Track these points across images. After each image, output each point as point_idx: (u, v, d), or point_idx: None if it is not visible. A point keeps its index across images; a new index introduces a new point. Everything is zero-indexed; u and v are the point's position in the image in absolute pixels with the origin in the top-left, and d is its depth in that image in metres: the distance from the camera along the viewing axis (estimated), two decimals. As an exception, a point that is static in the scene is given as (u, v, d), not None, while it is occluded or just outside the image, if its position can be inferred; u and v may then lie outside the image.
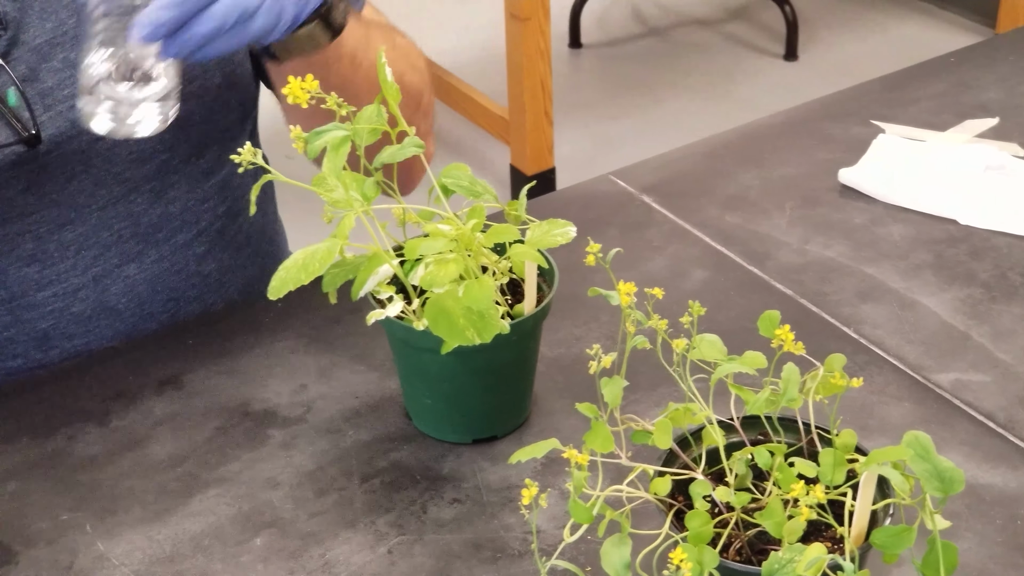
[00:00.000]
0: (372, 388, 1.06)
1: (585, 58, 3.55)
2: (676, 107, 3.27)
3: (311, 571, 0.90)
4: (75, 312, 1.15)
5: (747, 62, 3.46)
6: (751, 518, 0.76)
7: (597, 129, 3.20)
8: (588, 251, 0.82)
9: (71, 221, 1.13)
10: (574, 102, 3.27)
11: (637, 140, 3.13)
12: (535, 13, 2.68)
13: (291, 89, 0.87)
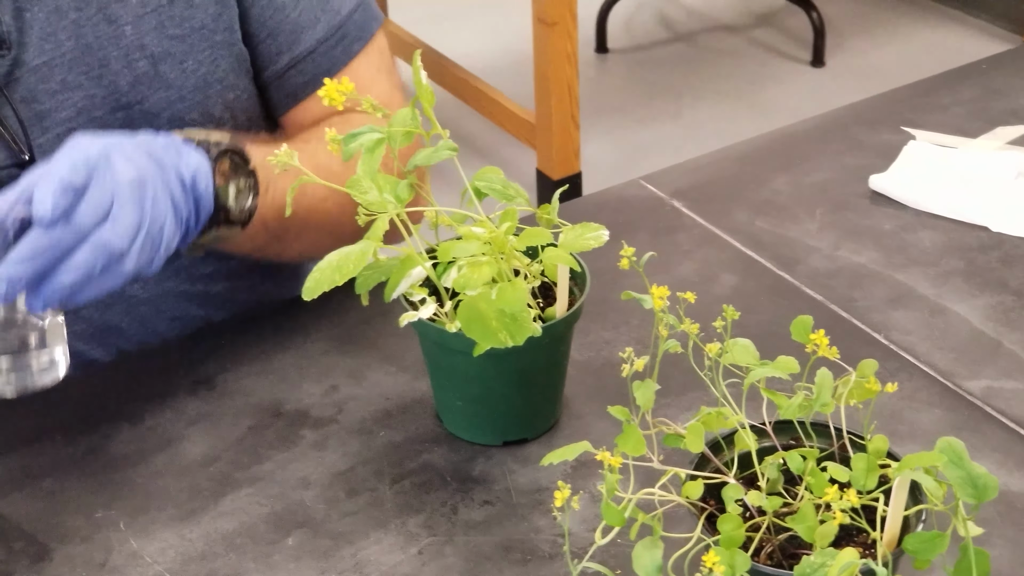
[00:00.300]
0: (403, 390, 1.06)
1: (612, 63, 3.56)
2: (702, 112, 3.28)
3: (342, 571, 0.91)
4: (77, 331, 1.15)
5: (773, 68, 3.46)
6: (783, 522, 0.76)
7: (623, 134, 3.20)
8: (622, 255, 0.82)
9: None
10: (600, 107, 3.28)
11: (663, 145, 3.13)
12: (562, 18, 2.69)
13: (327, 91, 0.88)
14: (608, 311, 1.12)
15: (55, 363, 0.94)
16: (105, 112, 1.09)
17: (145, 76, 1.10)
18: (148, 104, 1.11)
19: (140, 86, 1.10)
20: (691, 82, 3.42)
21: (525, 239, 0.92)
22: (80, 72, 1.08)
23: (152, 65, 1.10)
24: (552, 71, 2.74)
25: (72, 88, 1.08)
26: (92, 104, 1.09)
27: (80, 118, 1.09)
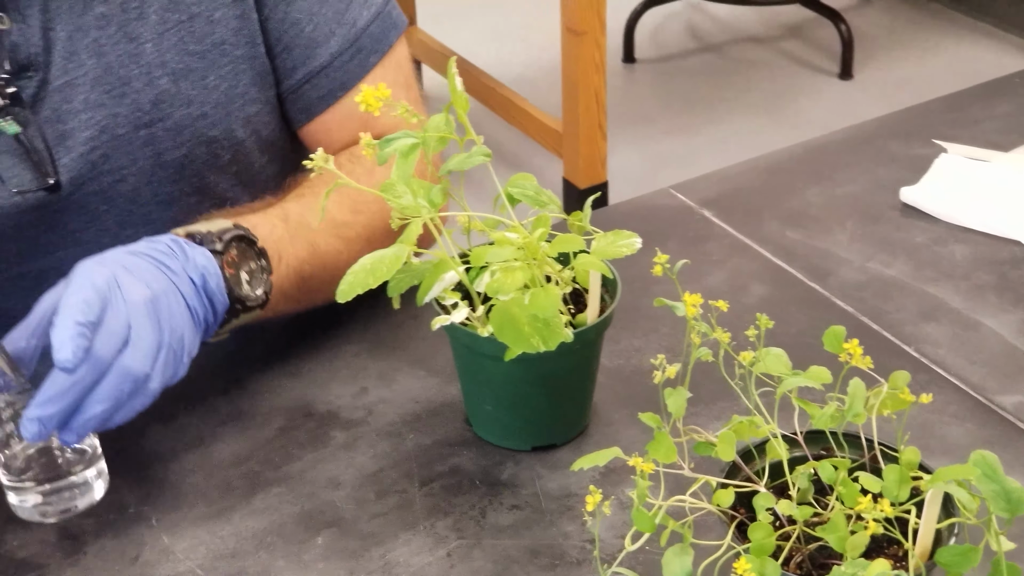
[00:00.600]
0: (432, 393, 1.07)
1: (639, 73, 3.56)
2: (729, 124, 3.28)
3: (371, 571, 0.91)
4: None
5: (802, 80, 3.46)
6: (813, 532, 0.76)
7: (649, 144, 3.21)
8: (655, 261, 0.82)
9: None
10: (627, 116, 3.28)
11: (689, 156, 3.13)
12: (591, 27, 2.69)
13: (364, 97, 0.88)
14: (638, 319, 1.12)
15: (92, 485, 0.95)
16: (128, 130, 1.10)
17: (167, 93, 1.10)
18: (171, 122, 1.11)
19: (162, 104, 1.10)
20: (718, 93, 3.42)
21: (557, 245, 0.93)
22: (102, 91, 1.08)
23: (174, 82, 1.10)
24: (580, 80, 2.74)
25: (94, 107, 1.08)
26: (115, 123, 1.09)
27: (103, 136, 1.09)
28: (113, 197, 1.12)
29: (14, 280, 1.12)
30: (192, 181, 1.14)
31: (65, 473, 0.93)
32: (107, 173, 1.10)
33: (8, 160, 1.07)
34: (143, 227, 1.13)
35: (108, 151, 1.09)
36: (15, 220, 1.08)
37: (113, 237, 1.13)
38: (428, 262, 0.95)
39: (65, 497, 0.93)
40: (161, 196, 1.14)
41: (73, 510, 0.94)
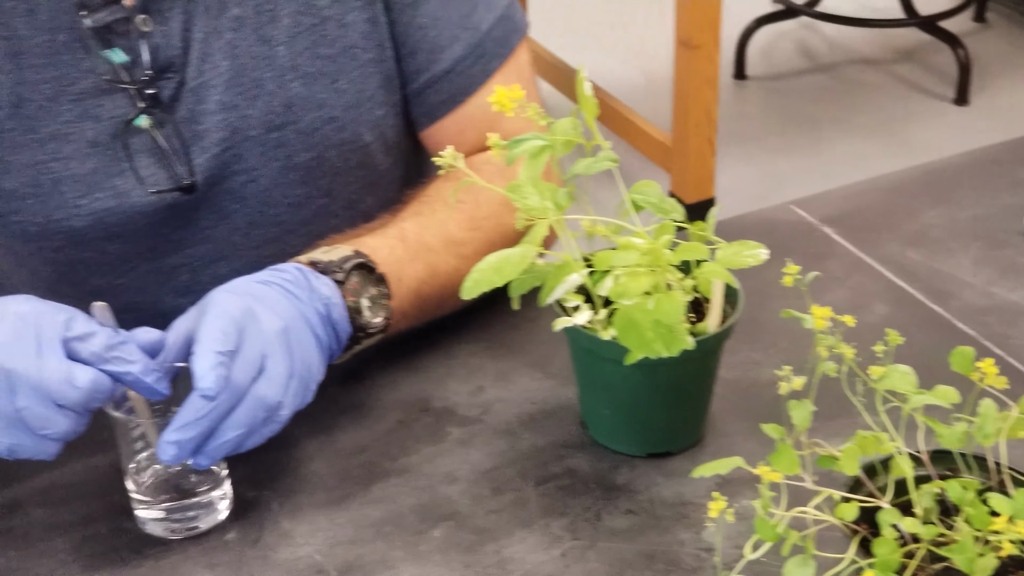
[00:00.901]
0: (548, 395, 1.08)
1: (749, 89, 3.55)
2: (839, 146, 3.25)
3: (487, 566, 0.92)
4: None
5: (915, 104, 3.42)
6: (938, 551, 0.76)
7: (758, 161, 3.19)
8: (785, 272, 0.83)
9: (225, 257, 1.16)
10: (735, 133, 3.27)
11: (797, 176, 3.11)
12: (706, 41, 2.69)
13: (498, 97, 0.90)
14: (756, 332, 1.12)
15: (217, 506, 0.97)
16: (260, 132, 1.12)
17: (298, 97, 1.12)
18: (301, 124, 1.13)
19: (294, 107, 1.12)
20: (829, 114, 3.39)
21: (682, 253, 0.93)
22: (235, 93, 1.10)
23: (305, 86, 1.12)
24: (692, 94, 2.74)
25: (227, 109, 1.11)
26: (247, 125, 1.11)
27: (235, 138, 1.11)
28: (245, 197, 1.14)
29: (146, 275, 1.15)
30: (320, 184, 1.16)
31: (192, 493, 0.95)
32: (239, 174, 1.13)
33: (145, 160, 1.09)
34: (272, 228, 1.16)
35: (240, 152, 1.12)
36: (150, 218, 1.11)
37: (243, 236, 1.16)
38: (551, 264, 0.96)
39: (190, 516, 0.95)
40: (291, 198, 1.16)
41: (197, 529, 0.96)
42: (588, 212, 0.96)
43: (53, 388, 0.87)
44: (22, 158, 1.08)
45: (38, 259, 1.13)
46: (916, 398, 0.80)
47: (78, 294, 1.14)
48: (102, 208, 1.09)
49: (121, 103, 1.08)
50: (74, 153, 1.08)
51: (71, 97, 1.07)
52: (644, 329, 0.88)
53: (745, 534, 0.92)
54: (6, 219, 1.10)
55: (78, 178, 1.08)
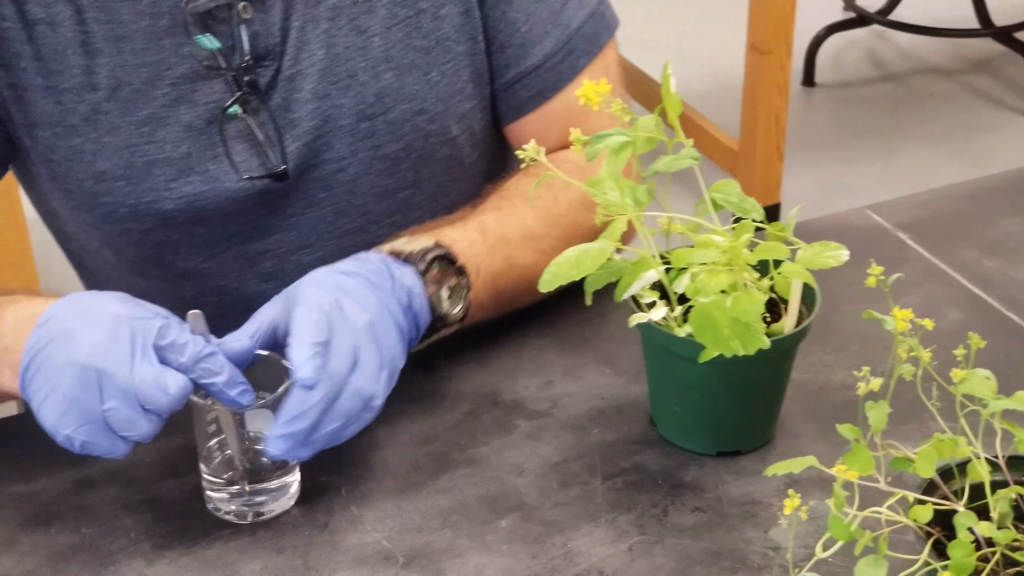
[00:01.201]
0: (618, 391, 1.08)
1: (817, 97, 3.53)
2: (908, 156, 3.22)
3: (553, 558, 0.93)
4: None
5: (986, 116, 3.39)
6: (1013, 556, 0.76)
7: (825, 169, 3.17)
8: (869, 272, 0.82)
9: (310, 244, 1.17)
10: (803, 140, 3.25)
11: (864, 185, 3.09)
12: (777, 47, 2.68)
13: (585, 91, 0.90)
14: (828, 335, 1.12)
15: (286, 492, 0.98)
16: (350, 122, 1.13)
17: (390, 88, 1.13)
18: (392, 115, 1.14)
19: (385, 98, 1.13)
20: (898, 124, 3.37)
21: (761, 252, 0.93)
22: (328, 82, 1.11)
23: (398, 77, 1.13)
24: (761, 100, 2.73)
25: (320, 98, 1.11)
26: (338, 114, 1.12)
27: (326, 127, 1.12)
28: (332, 186, 1.15)
29: (231, 260, 1.17)
30: (407, 175, 1.17)
31: (264, 478, 0.96)
32: (328, 162, 1.13)
33: (239, 146, 1.11)
34: (358, 217, 1.17)
35: (330, 141, 1.13)
36: (240, 204, 1.13)
37: (329, 225, 1.17)
38: (627, 260, 0.96)
39: (260, 501, 0.96)
40: (378, 188, 1.16)
41: (267, 513, 0.97)
42: (666, 210, 0.97)
43: (144, 392, 0.88)
44: (117, 140, 1.09)
45: (125, 240, 1.15)
46: (995, 403, 0.80)
47: (163, 275, 1.16)
48: (193, 192, 1.11)
49: (218, 89, 1.09)
50: (168, 137, 1.09)
51: (169, 81, 1.08)
52: (721, 327, 0.88)
53: (813, 534, 0.93)
54: (97, 200, 1.11)
55: (171, 162, 1.10)
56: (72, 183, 1.11)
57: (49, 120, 1.09)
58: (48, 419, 0.89)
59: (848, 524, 0.76)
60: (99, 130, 1.09)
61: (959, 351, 0.82)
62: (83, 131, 1.09)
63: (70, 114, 1.08)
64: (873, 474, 0.80)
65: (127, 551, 0.94)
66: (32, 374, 0.89)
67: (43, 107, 1.08)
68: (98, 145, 1.09)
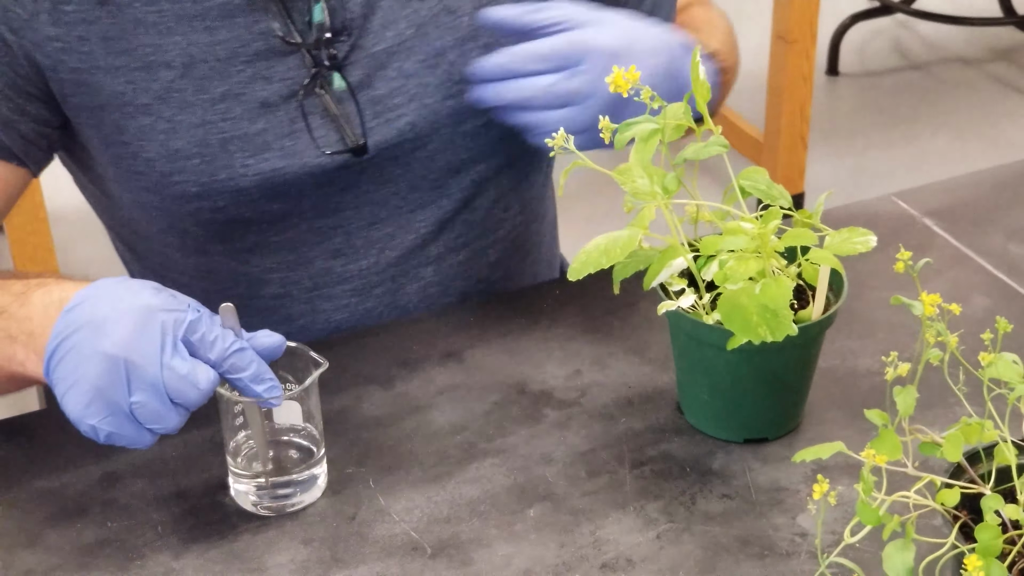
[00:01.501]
0: (645, 380, 1.08)
1: (842, 86, 3.51)
2: (932, 144, 3.21)
3: (581, 546, 0.93)
4: (368, 308, 1.20)
5: (1010, 105, 3.37)
6: (1042, 539, 0.76)
7: (849, 158, 3.16)
8: (898, 257, 0.82)
9: (381, 220, 1.18)
10: (827, 129, 3.24)
11: (889, 173, 3.08)
12: (803, 36, 2.67)
13: (615, 79, 0.90)
14: (854, 321, 1.12)
15: (311, 486, 0.98)
16: (435, 101, 1.13)
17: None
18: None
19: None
20: (922, 113, 3.35)
21: (789, 239, 0.93)
22: (416, 60, 1.12)
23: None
24: (786, 89, 2.73)
25: (408, 76, 1.12)
26: (425, 92, 1.13)
27: (412, 105, 1.13)
28: (410, 163, 1.16)
29: (301, 235, 1.17)
30: (483, 149, 1.18)
31: (290, 470, 0.97)
32: (410, 140, 1.14)
33: (316, 121, 1.11)
34: (430, 192, 1.18)
35: (416, 120, 1.14)
36: (317, 179, 1.13)
37: (402, 200, 1.18)
38: (656, 248, 0.96)
39: (287, 493, 0.97)
40: (453, 164, 1.18)
41: (294, 506, 0.97)
42: (695, 197, 0.97)
43: (173, 386, 0.88)
44: (191, 118, 1.09)
45: (193, 220, 1.14)
46: (1022, 387, 0.79)
47: (229, 251, 1.16)
48: (270, 168, 1.11)
49: (293, 65, 1.10)
50: (244, 114, 1.10)
51: (244, 58, 1.09)
52: (750, 313, 0.88)
53: (840, 520, 0.93)
54: (168, 179, 1.11)
55: (248, 138, 1.10)
56: (142, 164, 1.11)
57: (118, 100, 1.08)
58: (73, 408, 0.89)
59: (876, 509, 0.76)
60: (172, 108, 1.09)
61: (986, 336, 0.82)
62: (155, 110, 1.09)
63: (142, 93, 1.08)
64: (901, 459, 0.80)
65: (153, 545, 0.95)
66: (58, 361, 0.89)
67: (112, 87, 1.08)
68: (171, 124, 1.09)
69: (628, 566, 0.91)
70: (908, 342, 1.09)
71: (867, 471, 0.76)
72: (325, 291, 1.20)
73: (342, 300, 1.20)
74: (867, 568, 0.84)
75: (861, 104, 3.42)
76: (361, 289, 1.20)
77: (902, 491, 0.79)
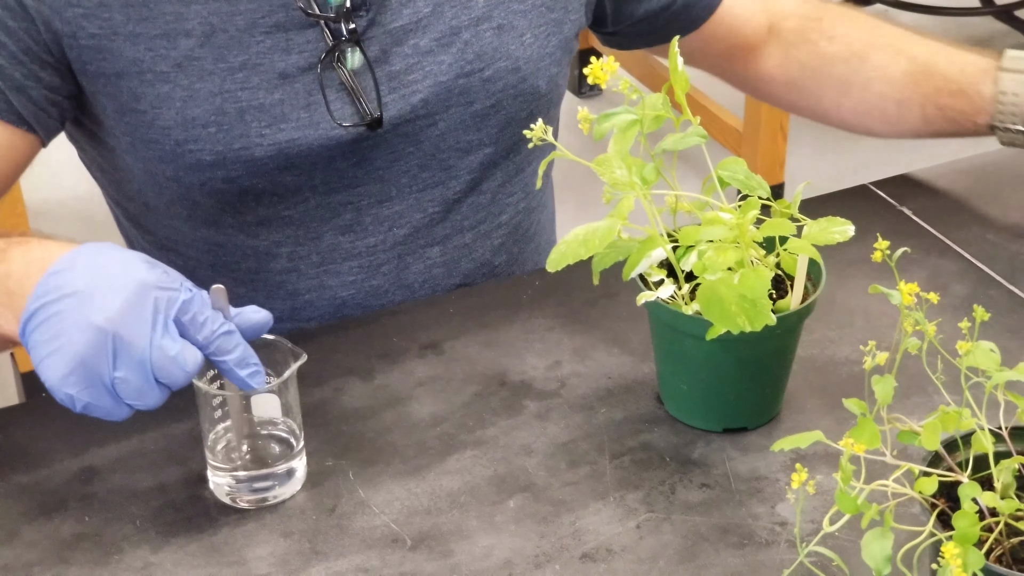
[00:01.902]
0: (626, 371, 1.08)
1: (821, 77, 3.52)
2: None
3: (562, 536, 0.93)
4: (374, 285, 1.21)
5: (990, 93, 3.38)
6: (1017, 525, 0.76)
7: (829, 148, 3.17)
8: (876, 247, 0.82)
9: (391, 198, 1.18)
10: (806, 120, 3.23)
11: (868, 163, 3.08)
12: (781, 27, 2.67)
13: (592, 71, 0.90)
14: (833, 311, 1.12)
15: (289, 480, 0.97)
16: (449, 79, 1.15)
17: (489, 46, 1.16)
18: (488, 72, 1.16)
19: (484, 56, 1.16)
20: (902, 102, 3.36)
21: (768, 229, 0.93)
22: (431, 38, 1.13)
23: (497, 36, 1.16)
24: (765, 80, 2.73)
25: (423, 53, 1.13)
26: (439, 70, 1.14)
27: (426, 81, 1.14)
28: (421, 140, 1.16)
29: (313, 210, 1.17)
30: (492, 132, 1.19)
31: (269, 463, 0.96)
32: (422, 117, 1.15)
33: (333, 94, 1.11)
34: (439, 172, 1.19)
35: (428, 96, 1.14)
36: (331, 152, 1.13)
37: (412, 178, 1.18)
38: (635, 239, 0.96)
39: (266, 486, 0.96)
40: (462, 144, 1.18)
41: (273, 499, 0.97)
42: (674, 188, 0.97)
43: (160, 366, 0.87)
44: (209, 86, 1.09)
45: (206, 190, 1.13)
46: (999, 375, 0.80)
47: (239, 224, 1.16)
48: (286, 139, 1.11)
49: (312, 37, 1.10)
50: (263, 84, 1.10)
51: (264, 29, 1.09)
52: (728, 303, 0.89)
53: (820, 509, 0.93)
54: (183, 148, 1.11)
55: (265, 108, 1.10)
56: (158, 132, 1.10)
57: (137, 68, 1.08)
58: (51, 375, 0.87)
59: (855, 498, 0.77)
60: (190, 76, 1.09)
61: (964, 324, 0.82)
62: (173, 77, 1.09)
63: (161, 60, 1.08)
64: (879, 448, 0.80)
65: (132, 539, 0.94)
66: (37, 324, 0.87)
67: (131, 54, 1.08)
68: (189, 92, 1.09)
69: (608, 556, 0.91)
70: (887, 331, 1.09)
71: (846, 460, 0.76)
72: (332, 267, 1.20)
73: (349, 276, 1.20)
74: (846, 557, 0.84)
75: (840, 94, 3.43)
76: (368, 266, 1.20)
77: (881, 480, 0.79)
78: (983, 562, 0.73)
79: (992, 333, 1.07)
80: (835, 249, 0.95)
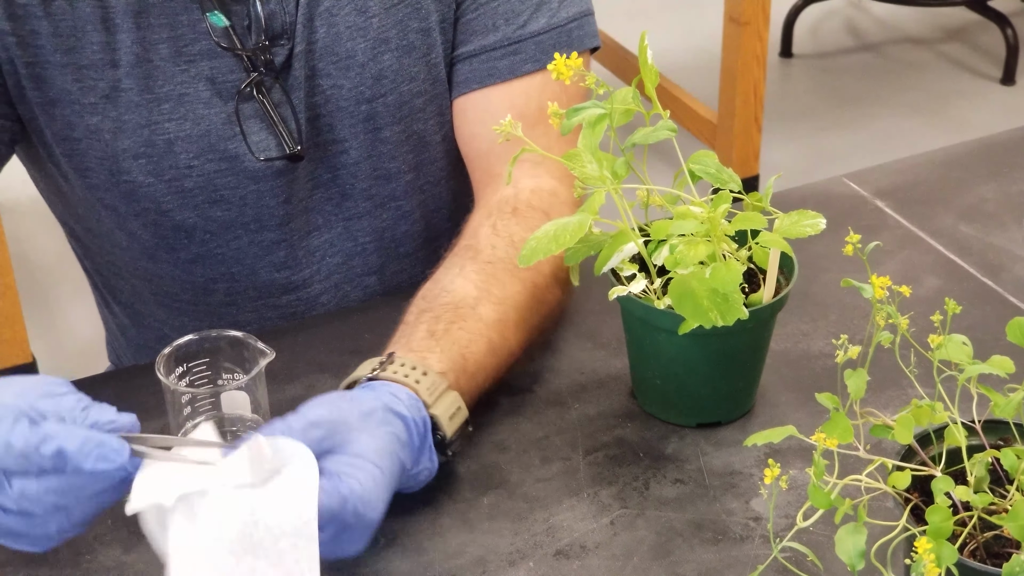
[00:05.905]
0: (599, 366, 1.08)
1: (795, 68, 3.52)
2: (885, 124, 3.23)
3: (535, 533, 0.93)
4: (315, 317, 1.19)
5: (961, 84, 3.39)
6: (990, 519, 0.76)
7: (803, 140, 3.17)
8: (847, 240, 0.82)
9: (318, 228, 1.17)
10: (782, 111, 3.25)
11: (844, 154, 3.09)
12: (755, 18, 2.67)
13: (556, 66, 0.90)
14: (806, 304, 1.12)
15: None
16: (350, 104, 1.12)
17: (389, 70, 1.12)
18: (391, 98, 1.13)
19: (384, 80, 1.12)
20: (875, 93, 3.37)
21: (739, 223, 0.93)
22: (329, 61, 1.11)
23: (397, 59, 1.12)
24: (739, 71, 2.73)
25: (321, 77, 1.11)
26: (339, 95, 1.12)
27: (328, 107, 1.12)
28: (336, 168, 1.14)
29: (245, 248, 1.16)
30: (408, 158, 1.17)
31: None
32: (331, 143, 1.13)
33: (256, 126, 1.10)
34: (363, 202, 1.17)
35: (332, 122, 1.12)
36: (258, 184, 1.12)
37: (336, 207, 1.17)
38: (606, 233, 0.96)
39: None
40: (380, 171, 1.16)
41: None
42: (645, 182, 0.96)
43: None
44: (137, 117, 1.08)
45: (140, 222, 1.13)
46: (971, 368, 0.80)
47: (175, 260, 1.15)
48: (213, 170, 1.10)
49: (234, 67, 1.08)
50: (188, 114, 1.08)
51: (187, 58, 1.07)
52: (700, 298, 0.88)
53: (793, 504, 0.93)
54: (115, 179, 1.10)
55: (192, 139, 1.09)
56: (91, 161, 1.10)
57: (68, 98, 1.07)
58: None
59: (828, 493, 0.77)
60: (119, 108, 1.07)
61: (936, 317, 0.82)
62: (102, 109, 1.07)
63: (90, 92, 1.07)
64: (853, 442, 0.80)
65: (103, 539, 0.94)
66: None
67: (62, 84, 1.07)
68: (118, 123, 1.08)
69: (582, 552, 0.91)
70: (860, 324, 1.10)
71: (819, 455, 0.76)
72: (271, 300, 1.19)
73: (288, 309, 1.20)
74: (820, 552, 0.84)
75: (815, 85, 3.43)
76: (307, 299, 1.19)
77: (854, 474, 0.79)
78: (956, 557, 0.73)
79: (965, 325, 1.07)
80: (808, 242, 0.95)
